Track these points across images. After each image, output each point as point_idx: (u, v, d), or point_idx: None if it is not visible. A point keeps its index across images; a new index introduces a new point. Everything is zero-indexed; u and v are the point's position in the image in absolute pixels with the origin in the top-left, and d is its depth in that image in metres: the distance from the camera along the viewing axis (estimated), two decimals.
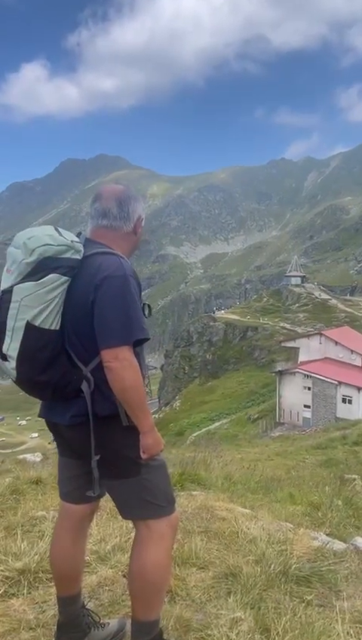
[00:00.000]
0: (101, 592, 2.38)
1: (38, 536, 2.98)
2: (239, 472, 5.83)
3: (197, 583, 2.33)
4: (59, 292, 1.67)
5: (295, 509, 4.07)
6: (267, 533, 2.78)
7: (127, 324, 1.67)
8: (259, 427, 47.60)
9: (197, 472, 4.91)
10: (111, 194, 1.90)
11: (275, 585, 2.24)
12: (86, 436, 1.72)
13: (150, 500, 1.78)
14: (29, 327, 1.63)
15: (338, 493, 3.96)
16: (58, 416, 1.81)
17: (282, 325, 73.56)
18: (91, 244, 1.81)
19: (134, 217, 1.92)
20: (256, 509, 3.53)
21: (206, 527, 2.95)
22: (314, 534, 2.89)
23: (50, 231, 1.72)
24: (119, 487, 1.81)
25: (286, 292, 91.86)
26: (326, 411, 44.06)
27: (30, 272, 1.64)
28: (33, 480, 4.26)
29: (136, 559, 1.78)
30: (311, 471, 11.37)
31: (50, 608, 2.25)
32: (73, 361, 1.73)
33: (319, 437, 17.67)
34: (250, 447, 16.56)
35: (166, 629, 1.96)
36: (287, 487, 5.64)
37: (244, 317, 78.76)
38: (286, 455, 13.50)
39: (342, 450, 13.48)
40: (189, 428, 53.32)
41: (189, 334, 77.29)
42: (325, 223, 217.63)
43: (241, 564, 2.40)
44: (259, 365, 63.53)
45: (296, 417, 45.88)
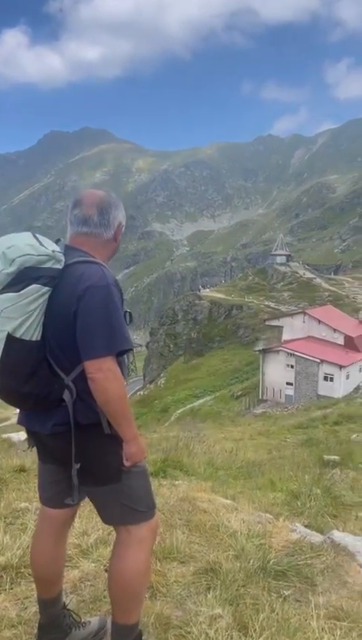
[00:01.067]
0: (83, 587, 2.42)
1: (20, 529, 3.00)
2: (221, 456, 5.92)
3: (177, 579, 2.38)
4: (40, 302, 1.64)
5: (275, 496, 4.16)
6: (247, 526, 2.84)
7: (111, 335, 1.66)
8: (242, 404, 48.33)
9: (180, 459, 4.98)
10: (92, 201, 1.86)
11: (254, 580, 2.30)
12: (68, 444, 1.72)
13: (130, 506, 1.79)
14: (10, 339, 1.61)
15: (317, 481, 4.05)
16: (39, 425, 1.79)
17: (267, 304, 73.99)
18: (71, 251, 1.78)
19: (115, 224, 1.89)
20: (237, 499, 3.59)
21: (187, 519, 3.00)
22: (293, 526, 2.96)
23: (31, 240, 1.68)
24: (100, 493, 1.82)
25: (272, 271, 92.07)
26: (308, 389, 44.89)
27: (10, 282, 1.60)
28: (16, 468, 4.27)
29: (116, 564, 1.80)
30: (292, 451, 11.62)
31: (31, 605, 2.28)
32: (54, 371, 1.71)
33: (300, 416, 18.00)
34: (233, 426, 16.83)
35: (146, 627, 2.00)
36: (268, 472, 5.76)
37: (229, 295, 78.93)
38: (268, 434, 13.75)
39: (323, 430, 13.77)
40: (174, 405, 53.88)
41: (174, 312, 77.33)
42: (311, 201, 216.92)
43: (221, 559, 2.45)
44: (244, 343, 64.08)
45: (279, 395, 46.68)
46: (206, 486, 3.73)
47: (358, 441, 11.77)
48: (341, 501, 3.78)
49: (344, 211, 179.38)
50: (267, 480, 4.86)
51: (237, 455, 6.75)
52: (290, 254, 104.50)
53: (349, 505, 3.78)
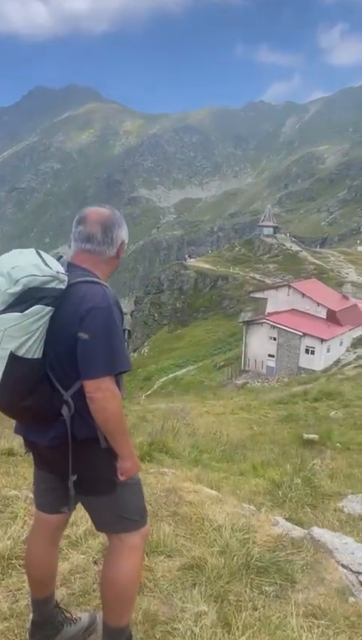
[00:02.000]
0: (73, 579, 2.51)
1: (10, 518, 3.07)
2: (205, 439, 6.05)
3: (164, 573, 2.49)
4: (43, 322, 1.67)
5: (257, 483, 4.31)
6: (231, 520, 2.95)
7: (111, 357, 1.70)
8: (224, 374, 49.05)
9: (165, 442, 5.09)
10: (96, 219, 1.89)
11: (237, 577, 2.42)
12: (64, 456, 1.77)
13: (124, 516, 1.86)
14: (12, 358, 1.64)
15: (298, 471, 4.20)
16: (37, 437, 1.85)
17: (252, 275, 74.13)
18: (74, 268, 1.82)
19: (117, 242, 1.92)
20: (221, 488, 3.71)
21: (174, 511, 3.10)
22: (275, 519, 3.08)
23: (35, 259, 1.69)
24: (95, 503, 1.89)
25: (258, 242, 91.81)
26: (290, 361, 45.65)
27: (14, 302, 1.63)
28: (4, 451, 4.33)
29: (109, 571, 1.88)
30: (272, 427, 11.92)
31: (23, 597, 2.36)
32: (54, 386, 1.75)
33: (281, 391, 18.37)
34: (215, 399, 17.12)
35: (135, 623, 2.11)
36: (250, 454, 5.93)
37: (215, 266, 78.76)
38: (249, 409, 14.04)
39: (303, 406, 14.09)
40: (157, 373, 54.41)
41: (160, 282, 77.05)
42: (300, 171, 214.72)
43: (206, 555, 2.56)
44: (228, 314, 64.47)
45: (261, 366, 47.42)
46: (191, 475, 3.84)
47: (336, 419, 12.12)
48: (320, 491, 3.94)
49: (333, 183, 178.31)
50: (249, 465, 5.01)
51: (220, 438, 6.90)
52: (278, 226, 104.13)
53: (328, 495, 3.94)
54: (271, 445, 8.93)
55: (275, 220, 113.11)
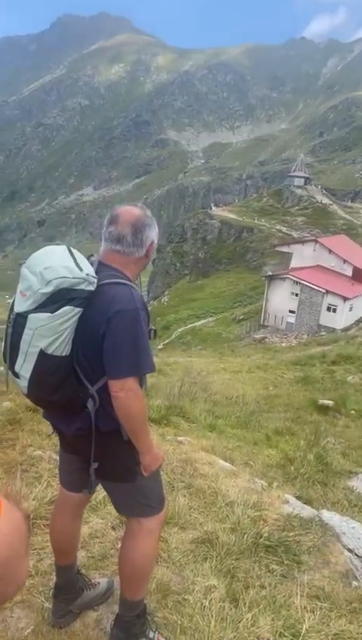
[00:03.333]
0: (92, 543, 2.69)
1: (35, 478, 3.26)
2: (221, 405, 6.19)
3: (178, 545, 2.65)
4: (72, 322, 1.73)
5: (270, 454, 4.44)
6: (243, 496, 3.08)
7: (136, 358, 1.77)
8: (243, 328, 49.18)
9: (182, 406, 5.23)
10: (127, 219, 1.90)
11: (246, 554, 2.56)
12: (88, 445, 1.88)
13: (143, 502, 1.99)
14: (42, 355, 1.71)
15: (311, 447, 4.30)
16: (63, 426, 1.96)
17: (278, 228, 72.44)
18: (103, 268, 1.86)
19: (147, 244, 1.94)
20: (235, 460, 3.84)
21: (189, 483, 3.25)
22: (286, 496, 3.21)
23: (67, 261, 1.73)
24: (116, 489, 2.02)
25: (288, 193, 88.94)
26: (310, 318, 45.37)
27: (45, 301, 1.68)
28: (30, 407, 4.51)
29: (127, 550, 2.02)
30: (288, 388, 12.07)
31: (47, 557, 2.55)
32: (80, 380, 1.82)
33: (299, 351, 18.42)
34: (233, 356, 17.29)
35: (148, 592, 2.28)
36: (265, 420, 6.07)
37: (241, 216, 76.99)
38: (266, 369, 14.17)
39: (320, 369, 14.16)
40: (175, 323, 54.87)
41: (183, 230, 75.96)
42: (338, 118, 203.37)
43: (218, 530, 2.70)
44: (251, 267, 63.72)
45: (280, 322, 47.28)
46: (206, 444, 3.97)
47: (353, 384, 12.17)
48: (332, 469, 4.05)
49: None
50: (263, 434, 5.14)
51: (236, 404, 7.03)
52: (309, 177, 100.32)
53: (339, 472, 4.06)
54: (285, 408, 9.09)
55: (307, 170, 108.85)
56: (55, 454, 3.51)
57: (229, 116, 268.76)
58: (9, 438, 3.84)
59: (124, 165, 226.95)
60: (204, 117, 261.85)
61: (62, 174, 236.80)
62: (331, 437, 4.68)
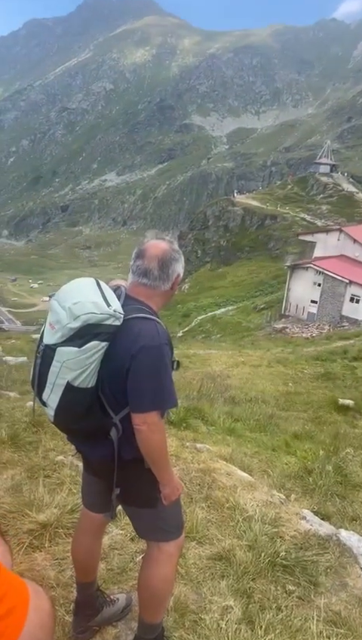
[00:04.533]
0: (112, 555, 2.74)
1: (57, 484, 3.32)
2: (240, 407, 6.19)
3: (195, 561, 2.68)
4: (98, 356, 1.78)
5: (288, 462, 4.44)
6: (261, 510, 3.10)
7: (159, 394, 1.80)
8: (263, 317, 48.84)
9: (201, 409, 5.25)
10: (154, 253, 1.93)
11: (263, 574, 2.58)
12: (110, 471, 1.92)
13: (163, 528, 2.02)
14: (68, 387, 1.77)
15: (329, 457, 4.27)
16: (87, 451, 2.01)
17: (302, 216, 71.30)
18: (129, 301, 1.89)
19: (173, 277, 1.97)
20: (253, 469, 3.85)
21: (207, 495, 3.27)
22: (304, 512, 3.21)
23: (96, 296, 1.78)
24: (136, 513, 2.06)
25: (313, 180, 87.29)
26: (332, 308, 44.76)
27: (73, 336, 1.74)
28: None
29: (146, 574, 2.06)
30: (307, 384, 11.99)
31: (68, 568, 2.61)
32: (105, 409, 1.86)
33: (320, 345, 18.23)
34: (252, 349, 17.22)
35: (166, 610, 2.32)
36: (284, 423, 6.05)
37: (265, 204, 75.99)
38: (286, 363, 14.09)
39: (341, 365, 14.00)
40: (196, 311, 54.82)
41: (206, 217, 75.47)
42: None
43: (236, 547, 2.72)
44: (273, 256, 63.08)
45: (302, 312, 46.76)
46: (225, 453, 3.99)
47: None
48: (350, 481, 4.03)
49: None
50: (282, 439, 5.14)
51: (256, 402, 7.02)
52: (335, 164, 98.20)
53: (358, 485, 4.03)
54: (304, 407, 9.05)
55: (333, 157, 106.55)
56: (76, 460, 3.59)
57: (255, 101, 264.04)
58: (32, 441, 3.93)
59: (147, 151, 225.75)
60: (229, 101, 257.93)
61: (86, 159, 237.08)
62: (350, 447, 4.63)
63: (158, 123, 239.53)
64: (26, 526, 2.85)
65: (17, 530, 2.81)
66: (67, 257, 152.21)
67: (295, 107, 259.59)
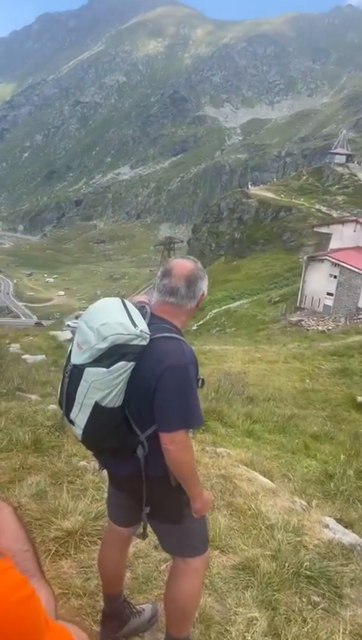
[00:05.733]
0: (136, 563, 2.77)
1: (80, 490, 3.37)
2: (259, 408, 6.18)
3: (219, 571, 2.70)
4: (125, 376, 1.81)
5: (309, 465, 4.43)
6: (283, 518, 3.10)
7: (185, 413, 1.81)
8: (278, 310, 48.55)
9: (220, 411, 5.26)
10: (180, 273, 1.95)
11: (287, 585, 2.59)
12: (137, 488, 1.94)
13: (189, 543, 2.05)
14: (96, 407, 1.81)
15: (350, 460, 4.25)
16: (113, 467, 2.04)
17: (318, 208, 70.44)
18: (155, 319, 1.92)
19: (198, 295, 2.00)
20: (273, 474, 3.86)
21: (229, 502, 3.29)
22: (326, 520, 3.20)
23: (122, 317, 1.80)
24: (162, 529, 2.08)
25: (328, 171, 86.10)
26: (349, 301, 44.28)
27: (100, 356, 1.77)
28: None
29: (173, 588, 2.09)
30: (324, 380, 11.92)
31: (94, 576, 2.65)
32: (131, 427, 1.89)
33: (337, 340, 18.08)
34: (268, 344, 17.16)
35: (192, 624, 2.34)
36: (302, 423, 6.03)
37: (279, 196, 75.20)
38: (302, 359, 14.01)
39: (358, 360, 13.88)
40: (210, 304, 54.67)
41: (220, 210, 75.01)
42: None
43: (259, 557, 2.74)
44: (288, 248, 62.52)
45: (317, 304, 46.36)
46: (245, 457, 3.99)
47: None
48: None
49: None
50: (301, 442, 5.12)
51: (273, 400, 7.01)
52: (351, 154, 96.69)
53: None
54: (323, 405, 9.00)
55: (349, 146, 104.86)
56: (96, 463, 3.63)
57: (269, 90, 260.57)
58: (55, 446, 3.99)
59: (160, 143, 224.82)
60: (243, 92, 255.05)
61: (100, 153, 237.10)
62: None
63: (171, 115, 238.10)
64: (52, 533, 2.90)
65: (44, 538, 2.86)
66: (81, 251, 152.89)
67: (310, 96, 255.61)
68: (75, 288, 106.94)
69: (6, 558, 0.87)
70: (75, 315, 73.58)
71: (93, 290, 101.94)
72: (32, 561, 1.04)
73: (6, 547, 0.98)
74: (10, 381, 5.54)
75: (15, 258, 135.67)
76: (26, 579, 0.82)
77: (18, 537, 1.05)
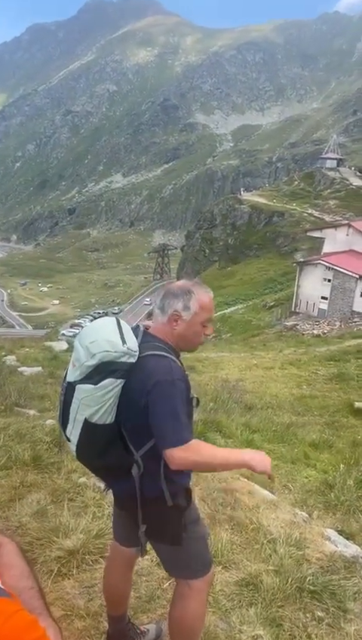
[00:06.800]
0: (139, 582, 2.76)
1: (81, 508, 3.35)
2: (257, 417, 6.18)
3: (222, 587, 2.69)
4: (114, 392, 1.83)
5: (309, 475, 4.43)
6: (285, 531, 3.10)
7: (177, 429, 1.79)
8: (273, 315, 48.68)
9: (219, 421, 5.26)
10: (168, 289, 1.98)
11: (291, 600, 2.59)
12: (135, 506, 1.94)
13: (190, 565, 2.03)
14: (86, 423, 1.83)
15: (349, 470, 4.26)
16: (112, 486, 2.05)
17: (310, 212, 70.88)
18: (147, 337, 1.94)
19: (169, 311, 1.94)
20: (274, 486, 3.86)
21: (230, 515, 3.28)
22: (327, 532, 3.21)
23: (112, 335, 1.82)
24: (163, 550, 2.08)
25: (319, 176, 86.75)
26: (343, 304, 44.46)
27: (90, 373, 1.80)
28: None
29: (177, 610, 2.07)
30: (322, 386, 11.94)
31: (96, 596, 2.63)
32: (127, 445, 1.89)
33: (333, 344, 18.15)
34: (265, 350, 17.19)
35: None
36: (301, 431, 6.04)
37: (271, 201, 75.68)
38: (299, 365, 14.04)
39: (355, 365, 13.93)
40: None
41: (213, 216, 75.31)
42: None
43: (262, 572, 2.73)
44: (281, 253, 62.79)
45: (312, 308, 46.53)
46: (246, 470, 3.98)
47: None
48: None
49: None
50: (301, 451, 5.13)
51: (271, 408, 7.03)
52: (342, 158, 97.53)
53: None
54: (320, 411, 9.02)
55: (340, 151, 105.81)
56: (98, 481, 3.61)
57: (259, 97, 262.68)
58: (54, 462, 3.97)
59: (152, 151, 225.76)
60: (233, 99, 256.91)
61: (92, 162, 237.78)
62: None
63: (163, 123, 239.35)
64: (54, 553, 2.88)
65: (46, 558, 2.85)
66: (75, 260, 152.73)
67: (299, 102, 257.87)
68: (70, 297, 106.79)
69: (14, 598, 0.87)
70: (70, 324, 73.44)
71: (88, 299, 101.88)
72: (38, 599, 1.04)
73: (12, 585, 0.98)
74: (7, 397, 5.52)
75: (9, 268, 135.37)
76: (36, 619, 0.82)
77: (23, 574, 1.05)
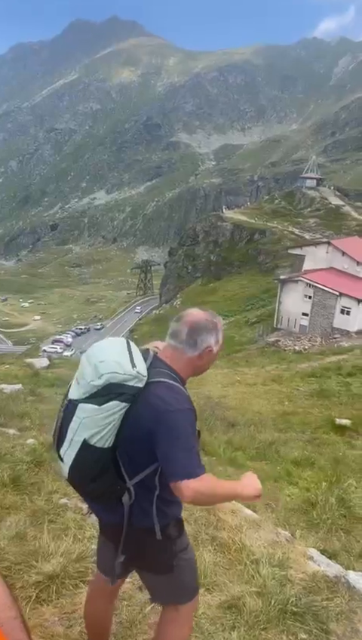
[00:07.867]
0: (120, 606, 2.70)
1: (62, 530, 3.28)
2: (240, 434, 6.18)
3: (205, 610, 2.65)
4: (117, 416, 1.77)
5: (291, 494, 4.43)
6: (268, 551, 3.09)
7: (188, 462, 1.72)
8: (256, 331, 49.02)
9: (202, 439, 5.23)
10: (188, 319, 1.90)
11: (274, 622, 2.56)
12: (119, 537, 1.88)
13: (178, 592, 2.00)
14: (84, 445, 1.77)
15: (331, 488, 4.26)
16: (100, 513, 2.00)
17: (291, 230, 72.13)
18: (157, 363, 1.88)
19: (202, 346, 1.89)
20: (257, 505, 3.84)
21: (213, 535, 3.25)
22: (310, 552, 3.20)
23: (122, 357, 1.79)
24: (151, 579, 2.03)
25: (300, 195, 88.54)
26: (324, 321, 45.03)
27: (95, 393, 1.75)
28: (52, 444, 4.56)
29: (165, 635, 2.04)
30: (303, 402, 12.01)
31: (76, 622, 2.56)
32: (120, 472, 1.84)
33: (314, 360, 18.31)
34: (247, 366, 17.26)
35: None
36: (283, 447, 6.05)
37: (253, 218, 76.82)
38: (281, 381, 14.11)
39: (336, 381, 14.06)
40: None
41: (195, 233, 76.03)
42: (350, 118, 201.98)
43: (245, 594, 2.70)
44: (263, 270, 63.53)
45: (293, 324, 47.00)
46: None
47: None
48: (354, 514, 4.03)
49: None
50: (283, 469, 5.13)
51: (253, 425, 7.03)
52: (321, 178, 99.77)
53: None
54: (302, 428, 9.05)
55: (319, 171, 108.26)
56: (80, 502, 3.55)
57: (240, 117, 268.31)
58: (34, 482, 3.89)
59: (135, 168, 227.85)
60: (215, 119, 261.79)
61: (75, 178, 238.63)
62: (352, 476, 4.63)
63: (145, 141, 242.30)
64: (33, 578, 2.80)
65: (24, 583, 2.77)
66: (58, 276, 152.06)
67: (279, 123, 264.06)
68: (52, 312, 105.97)
69: None
70: (51, 340, 72.63)
71: (70, 314, 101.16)
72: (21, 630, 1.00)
73: None
74: None
75: None
76: None
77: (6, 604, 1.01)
